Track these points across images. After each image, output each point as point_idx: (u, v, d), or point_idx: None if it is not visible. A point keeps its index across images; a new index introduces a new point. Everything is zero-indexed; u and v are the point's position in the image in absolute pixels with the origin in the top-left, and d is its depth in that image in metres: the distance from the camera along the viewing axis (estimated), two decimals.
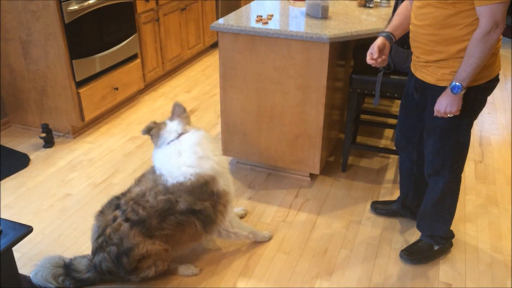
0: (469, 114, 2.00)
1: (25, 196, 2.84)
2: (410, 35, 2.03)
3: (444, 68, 1.91)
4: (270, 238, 2.49)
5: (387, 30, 2.16)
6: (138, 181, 2.19)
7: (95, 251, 2.12)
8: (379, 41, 2.10)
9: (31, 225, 1.86)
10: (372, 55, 2.07)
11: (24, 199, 2.81)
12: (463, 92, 1.86)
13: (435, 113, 1.97)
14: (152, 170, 2.17)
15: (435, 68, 1.96)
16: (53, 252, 2.37)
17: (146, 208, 2.03)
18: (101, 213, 2.14)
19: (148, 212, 2.03)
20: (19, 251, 2.36)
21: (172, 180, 2.05)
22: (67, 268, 2.15)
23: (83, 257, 2.20)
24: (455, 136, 2.05)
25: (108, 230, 2.05)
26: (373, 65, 2.12)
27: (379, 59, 2.08)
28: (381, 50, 2.09)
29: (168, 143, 2.16)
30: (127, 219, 2.03)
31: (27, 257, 2.35)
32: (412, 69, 2.12)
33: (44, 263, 2.13)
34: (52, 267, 2.12)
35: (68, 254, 2.37)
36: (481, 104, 2.01)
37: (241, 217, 2.64)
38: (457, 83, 1.85)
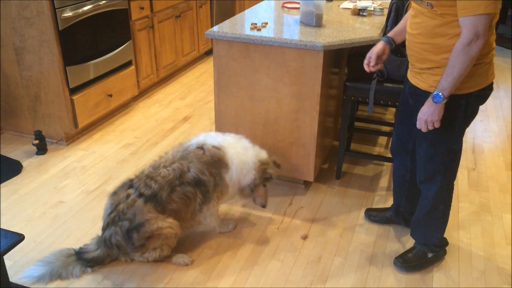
0: (461, 122, 2.01)
1: (17, 204, 2.81)
2: (406, 43, 2.06)
3: (437, 75, 1.92)
4: (233, 228, 2.60)
5: (389, 34, 2.21)
6: (153, 162, 2.35)
7: (106, 226, 2.25)
8: (379, 46, 2.16)
9: (23, 232, 1.84)
10: (369, 61, 2.15)
11: (16, 206, 2.79)
12: (444, 101, 1.87)
13: (417, 123, 1.97)
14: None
15: (428, 75, 1.97)
16: None
17: (158, 181, 2.19)
18: (115, 193, 2.29)
19: (160, 184, 2.18)
20: (10, 259, 2.34)
21: (195, 144, 2.29)
22: (77, 254, 2.29)
23: (91, 240, 2.36)
24: (447, 143, 2.05)
25: (121, 206, 2.19)
26: (367, 70, 2.18)
27: (375, 68, 2.17)
28: (379, 57, 2.16)
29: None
30: (140, 195, 2.18)
31: (19, 265, 2.33)
32: (408, 75, 2.14)
33: (56, 257, 2.26)
34: (64, 258, 2.26)
35: None
36: (474, 112, 2.02)
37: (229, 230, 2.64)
38: (439, 92, 1.86)
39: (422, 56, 1.95)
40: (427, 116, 1.92)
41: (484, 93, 1.98)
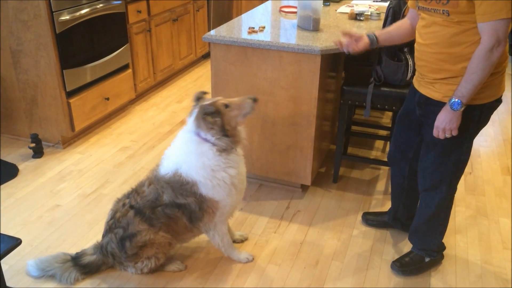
0: (472, 132, 1.99)
1: (13, 207, 2.80)
2: (416, 54, 2.02)
3: (451, 84, 1.88)
4: (247, 261, 2.40)
5: (376, 33, 2.20)
6: (145, 177, 2.30)
7: (105, 233, 2.26)
8: (359, 33, 2.19)
9: (19, 236, 1.84)
10: (343, 37, 2.20)
11: (12, 210, 2.78)
12: (462, 108, 1.84)
13: (434, 131, 1.94)
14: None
15: (441, 85, 1.93)
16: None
17: (142, 198, 2.16)
18: (118, 200, 2.29)
19: (143, 202, 2.15)
20: (6, 263, 2.33)
21: (162, 171, 2.14)
22: (74, 259, 2.27)
23: (91, 246, 2.36)
24: (457, 153, 2.03)
25: (118, 215, 2.20)
26: (338, 45, 2.24)
27: (347, 45, 2.20)
28: (354, 38, 2.18)
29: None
30: (131, 206, 2.17)
31: (15, 269, 2.32)
32: (416, 85, 2.10)
33: (51, 263, 2.24)
34: (59, 265, 2.24)
35: None
36: (485, 123, 2.00)
37: (236, 242, 2.53)
38: (457, 99, 1.82)
39: (437, 66, 1.91)
40: (445, 124, 1.88)
41: (496, 104, 1.95)
